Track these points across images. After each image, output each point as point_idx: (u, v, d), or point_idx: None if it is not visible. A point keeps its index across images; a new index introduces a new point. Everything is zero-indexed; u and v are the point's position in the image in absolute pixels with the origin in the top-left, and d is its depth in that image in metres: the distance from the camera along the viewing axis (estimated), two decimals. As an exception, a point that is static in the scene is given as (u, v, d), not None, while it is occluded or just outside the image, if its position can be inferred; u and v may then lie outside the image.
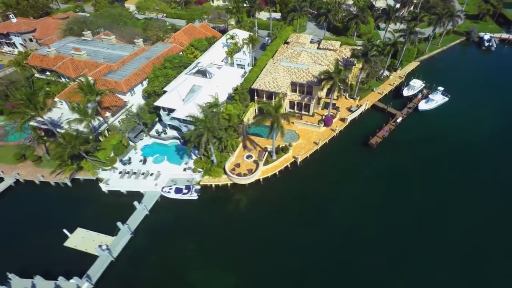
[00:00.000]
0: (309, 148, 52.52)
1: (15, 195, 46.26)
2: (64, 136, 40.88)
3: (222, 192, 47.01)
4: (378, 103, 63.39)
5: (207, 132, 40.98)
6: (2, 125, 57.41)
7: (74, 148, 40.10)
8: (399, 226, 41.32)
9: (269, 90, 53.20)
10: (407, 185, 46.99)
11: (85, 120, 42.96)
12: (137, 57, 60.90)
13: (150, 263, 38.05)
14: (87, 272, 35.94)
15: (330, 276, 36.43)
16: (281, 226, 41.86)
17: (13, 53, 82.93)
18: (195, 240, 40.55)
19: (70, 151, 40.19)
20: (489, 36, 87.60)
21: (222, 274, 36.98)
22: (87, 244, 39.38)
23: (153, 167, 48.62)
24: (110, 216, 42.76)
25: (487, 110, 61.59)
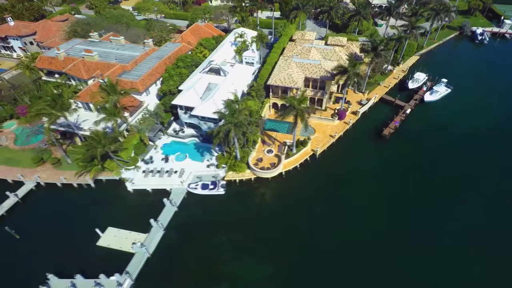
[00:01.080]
0: (326, 141, 54.50)
1: (39, 198, 46.10)
2: (95, 135, 41.19)
3: (246, 186, 48.30)
4: (385, 96, 66.18)
5: (234, 127, 42.23)
6: (12, 129, 56.82)
7: (104, 147, 40.53)
8: (420, 213, 43.74)
9: (285, 85, 54.94)
10: (422, 173, 49.49)
11: (113, 119, 43.38)
12: (148, 57, 61.40)
13: (185, 258, 38.94)
14: (126, 269, 36.54)
15: (356, 262, 38.19)
16: (306, 217, 43.54)
17: (12, 57, 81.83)
18: (225, 233, 41.68)
19: (101, 150, 40.61)
20: (481, 30, 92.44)
21: (255, 265, 38.23)
22: (121, 242, 39.91)
23: (176, 165, 49.39)
24: (139, 214, 43.55)
25: (488, 99, 65.53)
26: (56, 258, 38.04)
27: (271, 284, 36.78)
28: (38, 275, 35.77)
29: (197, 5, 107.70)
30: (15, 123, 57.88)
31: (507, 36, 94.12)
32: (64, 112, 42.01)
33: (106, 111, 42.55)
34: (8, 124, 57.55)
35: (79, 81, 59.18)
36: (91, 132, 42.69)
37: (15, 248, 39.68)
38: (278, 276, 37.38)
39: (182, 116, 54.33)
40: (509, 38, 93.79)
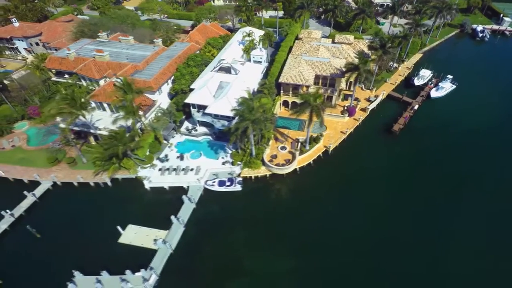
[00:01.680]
0: (338, 138, 55.57)
1: (56, 198, 46.45)
2: (116, 133, 41.70)
3: (261, 183, 49.14)
4: (392, 93, 67.53)
5: (252, 124, 43.05)
6: (24, 130, 56.99)
7: (125, 145, 41.09)
8: (434, 205, 45.03)
9: (296, 83, 55.95)
10: (434, 168, 50.70)
11: (132, 118, 43.95)
12: (159, 56, 61.99)
13: (206, 253, 39.64)
14: (150, 265, 37.14)
15: (373, 255, 39.35)
16: (321, 212, 44.43)
17: (16, 58, 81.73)
18: (244, 229, 42.51)
19: (122, 148, 41.16)
20: (481, 27, 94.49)
21: (273, 260, 38.93)
22: (142, 239, 40.51)
23: (191, 163, 50.06)
24: (157, 212, 44.32)
25: (493, 95, 67.21)
26: (79, 255, 38.43)
27: (290, 277, 37.57)
28: (63, 273, 36.35)
29: (199, 5, 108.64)
30: (26, 123, 58.09)
31: (507, 33, 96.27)
32: (83, 111, 42.44)
33: (125, 109, 43.07)
34: (20, 124, 57.75)
35: (90, 81, 59.54)
36: (111, 131, 43.19)
37: (37, 247, 40.06)
38: (296, 269, 38.18)
39: (195, 115, 55.02)
40: (509, 35, 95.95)
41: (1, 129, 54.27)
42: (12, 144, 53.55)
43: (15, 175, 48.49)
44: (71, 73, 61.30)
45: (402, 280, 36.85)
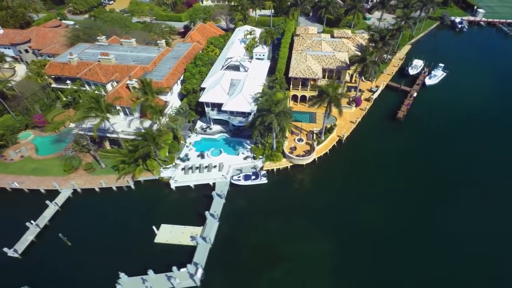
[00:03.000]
0: (349, 127, 58.85)
1: (79, 205, 45.95)
2: (146, 133, 42.06)
3: (284, 175, 51.23)
4: (390, 83, 72.10)
5: (276, 117, 45.05)
6: (29, 140, 55.42)
7: (157, 144, 41.62)
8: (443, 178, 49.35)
9: (306, 77, 58.65)
10: (439, 147, 55.37)
11: (157, 118, 44.44)
12: (165, 57, 62.39)
13: (244, 244, 41.15)
14: (193, 260, 38.06)
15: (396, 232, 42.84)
16: (344, 197, 47.38)
17: (2, 67, 78.32)
18: (275, 218, 44.38)
19: (153, 147, 41.64)
20: (460, 19, 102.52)
21: (309, 244, 41.21)
22: (178, 237, 41.26)
23: (212, 160, 51.17)
24: (187, 209, 45.46)
25: (479, 78, 74.32)
26: (118, 259, 38.53)
27: (327, 260, 39.83)
28: (106, 277, 36.47)
29: (188, 6, 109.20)
30: (31, 133, 56.49)
31: (482, 23, 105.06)
32: (107, 115, 42.52)
33: (153, 110, 43.54)
34: (24, 134, 56.10)
35: (96, 86, 58.87)
36: (137, 133, 43.53)
37: (71, 254, 39.63)
38: (331, 252, 40.49)
39: (210, 113, 56.14)
40: (484, 25, 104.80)
41: (6, 140, 52.49)
42: (21, 155, 52.03)
43: (31, 185, 47.36)
44: (73, 79, 60.21)
45: (423, 253, 40.35)
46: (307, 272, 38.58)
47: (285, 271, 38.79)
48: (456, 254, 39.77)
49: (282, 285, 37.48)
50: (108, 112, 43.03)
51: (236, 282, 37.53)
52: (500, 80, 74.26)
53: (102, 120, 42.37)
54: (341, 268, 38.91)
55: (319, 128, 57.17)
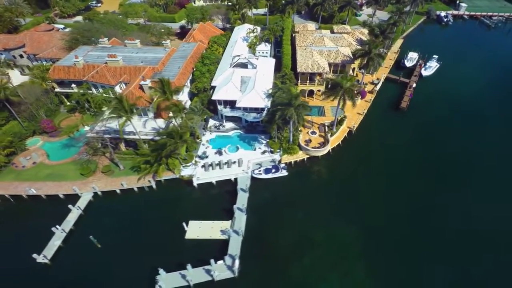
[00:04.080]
0: (356, 119, 61.58)
1: (102, 207, 45.89)
2: (173, 131, 42.67)
3: (301, 167, 53.14)
4: (389, 75, 75.76)
5: (295, 111, 46.87)
6: (39, 146, 54.52)
7: (184, 142, 42.35)
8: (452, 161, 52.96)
9: (314, 71, 60.95)
10: (444, 134, 59.20)
11: (179, 116, 45.13)
12: (172, 57, 62.93)
13: (273, 234, 42.60)
14: (228, 253, 39.14)
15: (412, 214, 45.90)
16: (362, 184, 49.75)
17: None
18: (299, 208, 46.15)
19: (180, 144, 42.34)
20: (445, 13, 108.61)
21: (335, 231, 43.25)
22: (208, 232, 42.21)
23: (231, 156, 52.29)
24: (213, 205, 46.61)
25: (471, 68, 79.84)
26: (151, 257, 38.99)
27: (354, 244, 41.94)
28: (143, 276, 37.06)
29: (179, 7, 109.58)
30: (39, 139, 55.55)
31: (465, 17, 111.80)
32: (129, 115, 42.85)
33: (175, 108, 44.24)
34: (32, 141, 55.11)
35: (103, 88, 58.63)
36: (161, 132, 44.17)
37: (103, 256, 39.61)
38: (357, 237, 42.59)
39: (223, 111, 57.22)
40: (467, 19, 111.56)
41: (15, 147, 51.47)
42: (33, 161, 51.15)
43: (48, 191, 46.79)
44: (78, 82, 59.76)
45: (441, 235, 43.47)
46: (336, 258, 40.53)
47: (315, 257, 40.56)
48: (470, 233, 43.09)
49: (314, 271, 39.19)
50: (132, 112, 43.32)
51: (271, 271, 38.89)
52: (489, 68, 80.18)
53: (127, 121, 42.60)
54: (368, 251, 41.03)
55: (328, 120, 59.56)
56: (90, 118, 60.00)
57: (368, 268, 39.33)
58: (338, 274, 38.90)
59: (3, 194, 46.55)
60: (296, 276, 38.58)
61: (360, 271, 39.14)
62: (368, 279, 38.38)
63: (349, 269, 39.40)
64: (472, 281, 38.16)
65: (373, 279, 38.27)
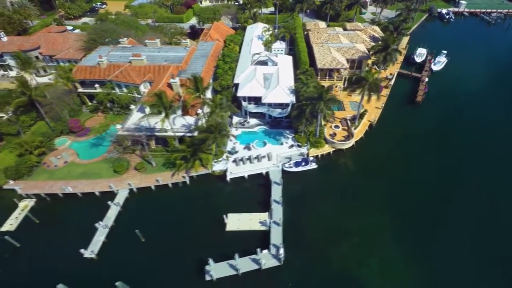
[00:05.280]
0: (376, 112, 63.83)
1: (139, 203, 46.91)
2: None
3: (327, 160, 55.01)
4: (401, 70, 78.44)
5: (325, 105, 48.73)
6: (67, 145, 55.16)
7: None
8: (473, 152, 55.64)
9: (334, 67, 63.02)
10: (462, 124, 62.23)
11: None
12: (193, 56, 64.23)
13: (310, 224, 44.40)
14: (271, 243, 40.66)
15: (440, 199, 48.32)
16: (387, 174, 51.96)
17: (8, 76, 76.05)
18: (332, 198, 48.02)
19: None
20: (446, 10, 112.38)
21: (368, 220, 45.03)
22: (248, 223, 43.67)
23: (260, 151, 53.79)
24: (248, 198, 48.30)
25: (478, 62, 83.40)
26: (195, 248, 40.25)
27: (388, 230, 43.97)
28: (190, 266, 38.41)
29: (186, 7, 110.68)
30: (66, 139, 56.16)
31: (465, 14, 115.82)
32: (168, 112, 44.06)
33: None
34: (60, 140, 55.73)
35: (127, 87, 59.53)
36: (200, 128, 45.54)
37: (148, 250, 40.66)
38: (389, 224, 44.65)
39: (248, 107, 58.74)
40: (467, 15, 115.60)
41: (46, 147, 52.02)
42: (64, 161, 51.79)
43: (84, 189, 47.57)
44: (101, 82, 60.52)
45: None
46: (372, 244, 42.39)
47: (352, 244, 42.36)
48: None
49: (353, 257, 40.94)
50: (170, 108, 44.52)
51: (312, 258, 40.54)
52: (495, 62, 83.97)
53: (168, 116, 43.78)
54: (401, 236, 43.01)
55: (349, 115, 61.66)
56: (114, 117, 61.08)
57: (403, 252, 41.23)
58: (376, 259, 40.68)
59: (39, 193, 47.21)
60: (337, 263, 40.30)
61: (396, 255, 40.99)
62: (404, 262, 40.24)
63: (386, 254, 41.26)
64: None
65: (409, 262, 40.17)
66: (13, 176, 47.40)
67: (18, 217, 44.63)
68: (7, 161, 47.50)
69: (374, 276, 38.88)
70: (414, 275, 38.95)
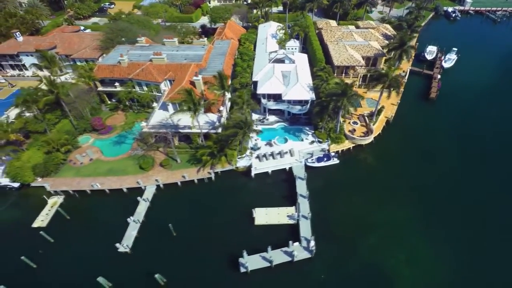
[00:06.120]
0: (392, 109, 64.98)
1: (167, 198, 47.73)
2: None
3: (348, 155, 56.08)
4: (413, 68, 79.67)
5: (348, 101, 49.76)
6: (90, 143, 55.88)
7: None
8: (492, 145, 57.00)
9: (351, 64, 64.16)
10: (477, 118, 63.54)
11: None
12: (211, 54, 65.09)
13: (336, 218, 45.37)
14: (301, 235, 41.63)
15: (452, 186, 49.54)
16: (407, 168, 53.09)
17: (24, 75, 76.65)
18: (355, 193, 48.84)
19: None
20: (452, 9, 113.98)
21: (392, 213, 46.06)
22: (276, 217, 44.62)
23: (281, 147, 54.76)
24: (273, 193, 49.28)
25: (488, 59, 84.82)
26: (227, 242, 41.14)
27: (413, 221, 45.04)
28: (224, 258, 39.35)
29: (194, 7, 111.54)
30: (89, 137, 56.88)
31: (471, 12, 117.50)
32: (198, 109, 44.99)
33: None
34: (84, 138, 56.47)
35: (147, 86, 60.28)
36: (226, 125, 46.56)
37: (180, 243, 41.55)
38: (414, 215, 45.84)
39: (268, 104, 59.65)
40: (473, 14, 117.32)
41: (71, 144, 52.71)
42: (89, 158, 52.50)
43: (112, 185, 48.37)
44: (121, 80, 61.22)
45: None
46: (398, 235, 43.37)
47: (379, 236, 43.36)
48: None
49: (381, 249, 41.90)
50: (200, 105, 45.38)
51: (341, 250, 41.54)
52: (504, 59, 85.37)
53: (197, 113, 44.68)
54: (426, 227, 44.09)
55: (366, 111, 62.75)
56: (135, 115, 61.88)
57: (430, 242, 42.32)
58: (404, 249, 41.69)
59: (67, 190, 47.92)
60: (366, 254, 41.25)
61: (423, 246, 42.06)
62: (431, 251, 41.35)
63: (413, 245, 42.25)
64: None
65: (436, 251, 41.28)
66: (42, 173, 48.07)
67: (48, 213, 45.30)
68: (35, 159, 48.12)
69: (403, 265, 39.94)
70: (442, 264, 39.93)
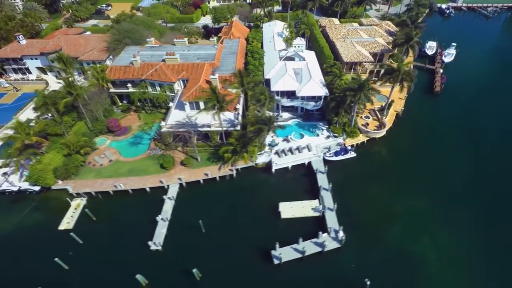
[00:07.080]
0: (400, 103, 67.04)
1: (191, 196, 48.27)
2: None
3: (363, 148, 57.66)
4: (415, 62, 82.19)
5: (364, 95, 51.35)
6: (107, 145, 55.84)
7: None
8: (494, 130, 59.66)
9: (360, 60, 65.93)
10: (481, 109, 66.21)
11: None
12: (222, 53, 65.83)
13: (359, 209, 46.68)
14: (328, 226, 42.85)
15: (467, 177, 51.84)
16: (423, 158, 54.98)
17: (28, 78, 75.70)
18: (374, 184, 50.23)
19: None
20: (446, 5, 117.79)
21: (412, 203, 47.70)
22: (301, 211, 45.70)
23: (298, 143, 55.95)
24: (295, 187, 50.36)
25: (485, 52, 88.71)
26: (257, 236, 42.08)
27: (433, 209, 46.58)
28: (256, 252, 40.30)
29: (194, 7, 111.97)
30: (106, 138, 56.81)
31: (464, 8, 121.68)
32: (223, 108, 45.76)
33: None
34: (100, 140, 56.37)
35: (161, 86, 60.55)
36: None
37: (210, 239, 42.21)
38: (434, 203, 47.58)
39: (282, 101, 60.77)
40: (465, 10, 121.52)
41: (90, 146, 52.61)
42: (109, 159, 52.50)
43: (135, 185, 48.56)
44: (134, 81, 61.34)
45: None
46: (420, 223, 45.10)
47: (403, 224, 44.94)
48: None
49: (407, 237, 43.36)
50: (223, 102, 46.09)
51: (368, 239, 42.86)
52: (501, 52, 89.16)
53: (221, 111, 45.41)
54: (447, 214, 45.85)
55: (377, 106, 64.55)
56: (148, 116, 62.11)
57: (452, 228, 44.10)
58: (427, 236, 43.31)
59: (90, 191, 47.88)
60: (392, 242, 42.66)
61: (445, 232, 43.83)
62: (454, 238, 43.11)
63: (435, 232, 43.95)
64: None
65: (458, 238, 43.08)
66: (63, 176, 47.90)
67: (73, 215, 45.24)
68: (56, 162, 47.89)
69: (429, 251, 41.54)
70: (466, 248, 41.75)
